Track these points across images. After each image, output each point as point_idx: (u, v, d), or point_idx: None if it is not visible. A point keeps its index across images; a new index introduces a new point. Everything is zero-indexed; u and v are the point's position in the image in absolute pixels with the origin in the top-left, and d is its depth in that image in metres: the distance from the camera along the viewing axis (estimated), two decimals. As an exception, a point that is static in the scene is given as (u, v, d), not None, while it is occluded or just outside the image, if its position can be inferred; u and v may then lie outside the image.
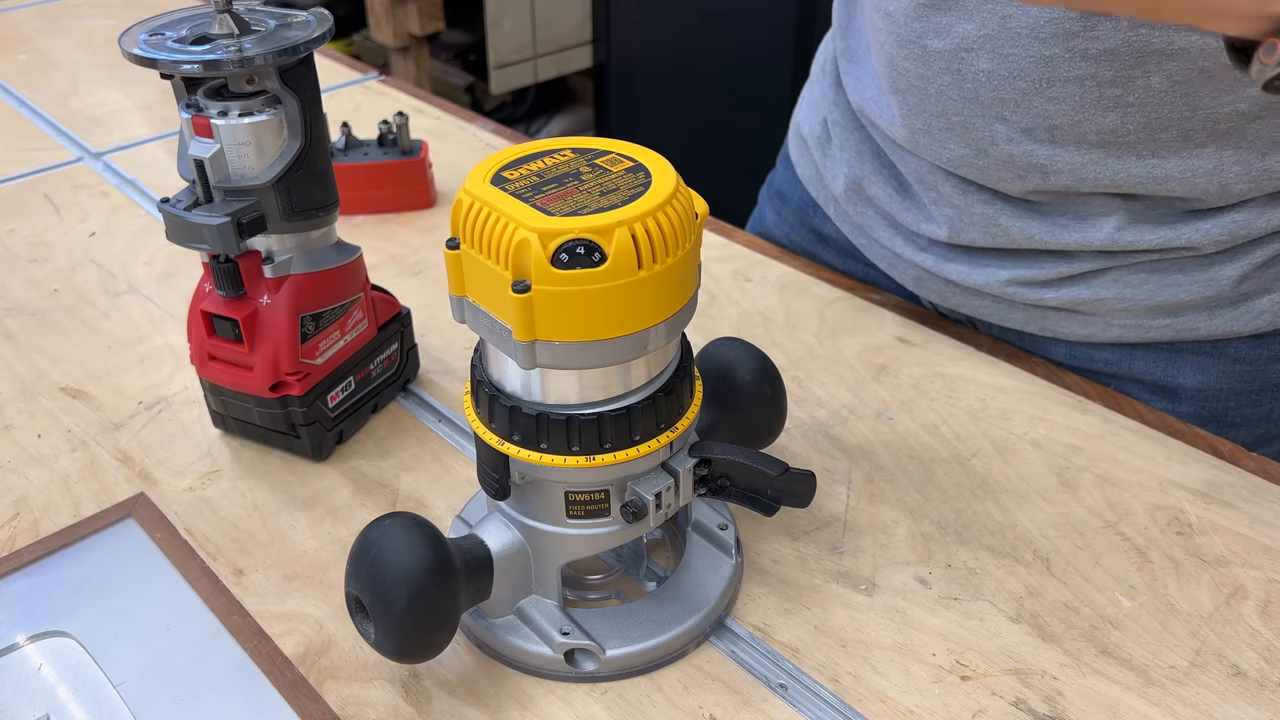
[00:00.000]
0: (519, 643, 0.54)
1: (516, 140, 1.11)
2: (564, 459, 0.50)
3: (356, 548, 0.50)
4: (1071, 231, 0.71)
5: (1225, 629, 0.56)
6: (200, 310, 0.65)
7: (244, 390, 0.66)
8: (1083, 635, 0.56)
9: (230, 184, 0.60)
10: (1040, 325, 0.77)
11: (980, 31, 0.66)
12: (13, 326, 0.83)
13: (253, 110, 0.60)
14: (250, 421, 0.69)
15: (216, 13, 0.59)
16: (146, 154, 1.09)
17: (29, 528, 0.64)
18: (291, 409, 0.66)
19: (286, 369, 0.65)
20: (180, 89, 0.62)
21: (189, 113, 0.60)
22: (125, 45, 0.58)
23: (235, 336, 0.64)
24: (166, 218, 0.60)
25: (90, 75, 1.27)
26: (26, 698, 0.54)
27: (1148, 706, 0.52)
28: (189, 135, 0.60)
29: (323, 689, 0.54)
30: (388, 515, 0.51)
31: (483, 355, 0.52)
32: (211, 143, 0.59)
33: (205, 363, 0.66)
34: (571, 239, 0.44)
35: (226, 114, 0.59)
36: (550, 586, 0.55)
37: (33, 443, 0.71)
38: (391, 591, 0.48)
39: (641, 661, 0.55)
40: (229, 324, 0.64)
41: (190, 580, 0.60)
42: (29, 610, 0.59)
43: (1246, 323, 0.71)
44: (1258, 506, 0.64)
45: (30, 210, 0.99)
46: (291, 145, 0.61)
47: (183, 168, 0.62)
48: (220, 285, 0.63)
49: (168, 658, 0.56)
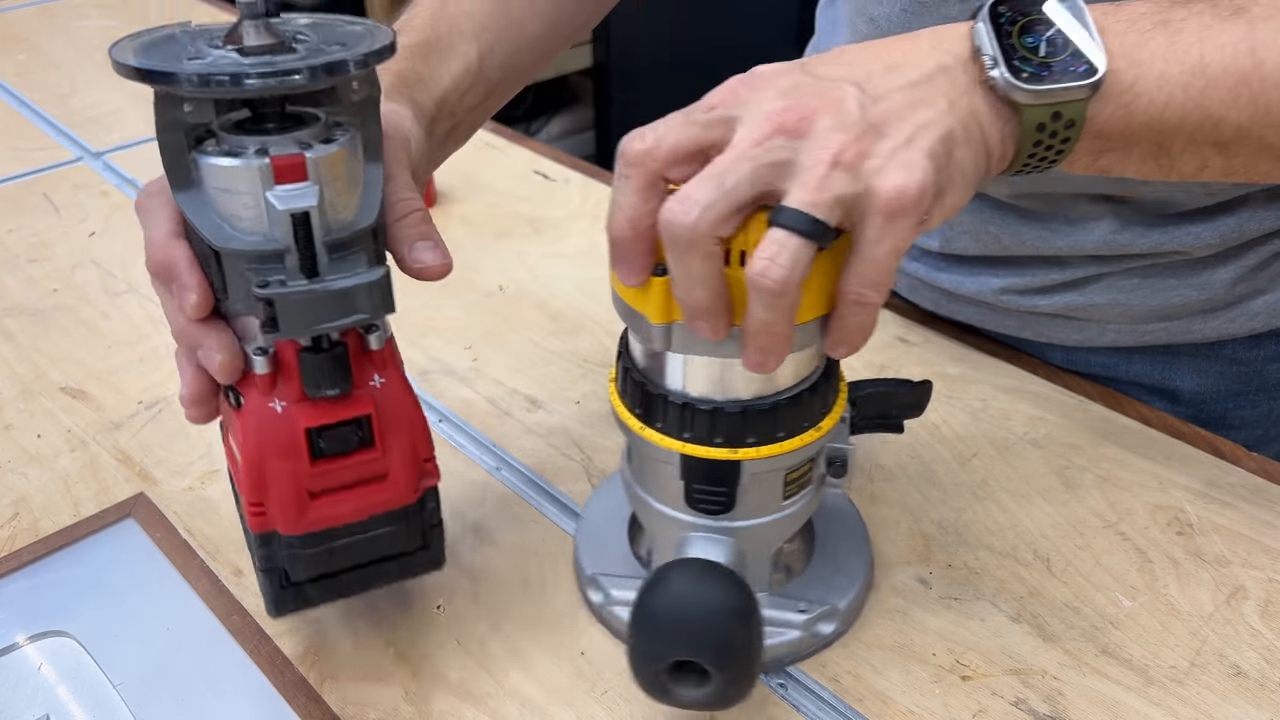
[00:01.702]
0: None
1: (517, 140, 1.11)
2: (799, 439, 0.49)
3: (667, 613, 0.46)
4: (1062, 236, 0.70)
5: (1226, 629, 0.56)
6: (303, 431, 0.46)
7: (378, 511, 0.50)
8: (1083, 635, 0.56)
9: (331, 236, 0.45)
10: (1035, 331, 0.76)
11: None
12: (12, 326, 0.83)
13: (333, 136, 0.46)
14: (360, 564, 0.51)
15: (249, 19, 0.44)
16: (146, 153, 1.09)
17: (29, 528, 0.64)
18: (429, 507, 0.52)
19: (424, 454, 0.51)
20: (189, 123, 0.45)
21: (253, 156, 0.44)
22: (163, 64, 0.43)
23: (360, 443, 0.48)
24: (283, 304, 0.43)
25: (90, 75, 1.27)
26: (26, 698, 0.54)
27: (1148, 706, 0.52)
28: (260, 186, 0.44)
29: (323, 689, 0.54)
30: (670, 571, 0.47)
31: (687, 376, 0.48)
32: (309, 186, 0.44)
33: (303, 510, 0.48)
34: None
35: (310, 145, 0.45)
36: (763, 579, 0.55)
37: (32, 443, 0.71)
38: (738, 639, 0.46)
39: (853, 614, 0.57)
40: (351, 429, 0.48)
41: (190, 580, 0.60)
42: (28, 610, 0.59)
43: (1242, 324, 0.71)
44: (1258, 506, 0.64)
45: (30, 210, 0.99)
46: (374, 174, 0.48)
47: (222, 233, 0.45)
48: (323, 383, 0.46)
49: (168, 658, 0.56)
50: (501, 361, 0.78)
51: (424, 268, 0.50)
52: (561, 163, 1.06)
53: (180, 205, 0.45)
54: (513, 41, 0.65)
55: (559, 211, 0.98)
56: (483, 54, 0.62)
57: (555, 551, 0.62)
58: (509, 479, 0.68)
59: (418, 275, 0.50)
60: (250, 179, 0.44)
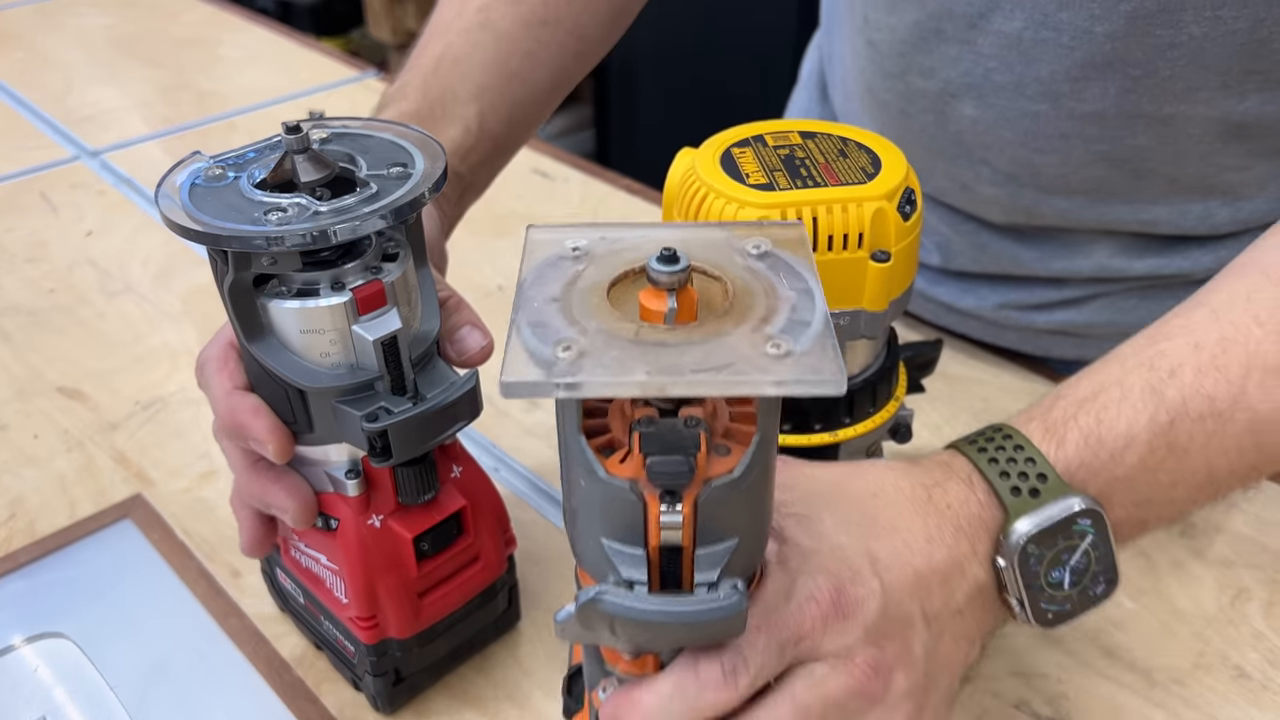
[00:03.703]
0: None
1: (515, 139, 1.10)
2: (886, 410, 0.51)
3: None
4: (1060, 259, 0.70)
5: (1229, 630, 0.56)
6: (410, 541, 0.48)
7: (476, 592, 0.52)
8: (1086, 636, 0.56)
9: (413, 353, 0.46)
10: (1034, 345, 0.76)
11: (965, 79, 0.64)
12: (9, 326, 0.83)
13: (390, 252, 0.46)
14: (463, 641, 0.53)
15: (294, 152, 0.43)
16: (143, 153, 1.08)
17: (25, 529, 0.64)
18: (513, 575, 0.55)
19: (505, 526, 0.53)
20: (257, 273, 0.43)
21: (332, 293, 0.43)
22: (239, 225, 0.41)
23: (456, 535, 0.50)
24: (395, 433, 0.43)
25: (87, 73, 1.27)
26: (23, 700, 0.54)
27: (1151, 708, 0.52)
28: (346, 321, 0.43)
29: (320, 691, 0.54)
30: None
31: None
32: (390, 309, 0.44)
33: (416, 612, 0.49)
34: (900, 191, 0.46)
35: (380, 269, 0.45)
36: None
37: (29, 443, 0.71)
38: None
39: None
40: (450, 526, 0.49)
41: (187, 581, 0.60)
42: (25, 612, 0.59)
43: None
44: (1261, 507, 0.63)
45: (27, 209, 0.99)
46: (426, 279, 0.48)
47: (308, 373, 0.44)
48: (420, 491, 0.47)
49: (165, 659, 0.56)
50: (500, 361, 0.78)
51: (470, 355, 0.49)
52: (561, 161, 1.06)
53: (257, 355, 0.44)
54: (514, 96, 0.63)
55: (559, 210, 0.97)
56: (483, 113, 0.61)
57: (554, 552, 0.61)
58: (508, 479, 0.67)
59: (464, 363, 0.49)
60: (335, 316, 0.43)
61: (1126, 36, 0.58)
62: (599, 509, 0.35)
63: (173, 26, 1.41)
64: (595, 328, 0.33)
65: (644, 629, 0.35)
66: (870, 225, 0.45)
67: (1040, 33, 0.60)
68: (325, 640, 0.54)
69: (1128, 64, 0.59)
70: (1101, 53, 0.59)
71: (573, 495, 0.36)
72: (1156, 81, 0.59)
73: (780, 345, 0.32)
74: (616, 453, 0.35)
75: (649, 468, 0.34)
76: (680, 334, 0.33)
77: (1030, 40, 0.60)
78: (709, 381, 0.31)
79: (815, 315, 0.34)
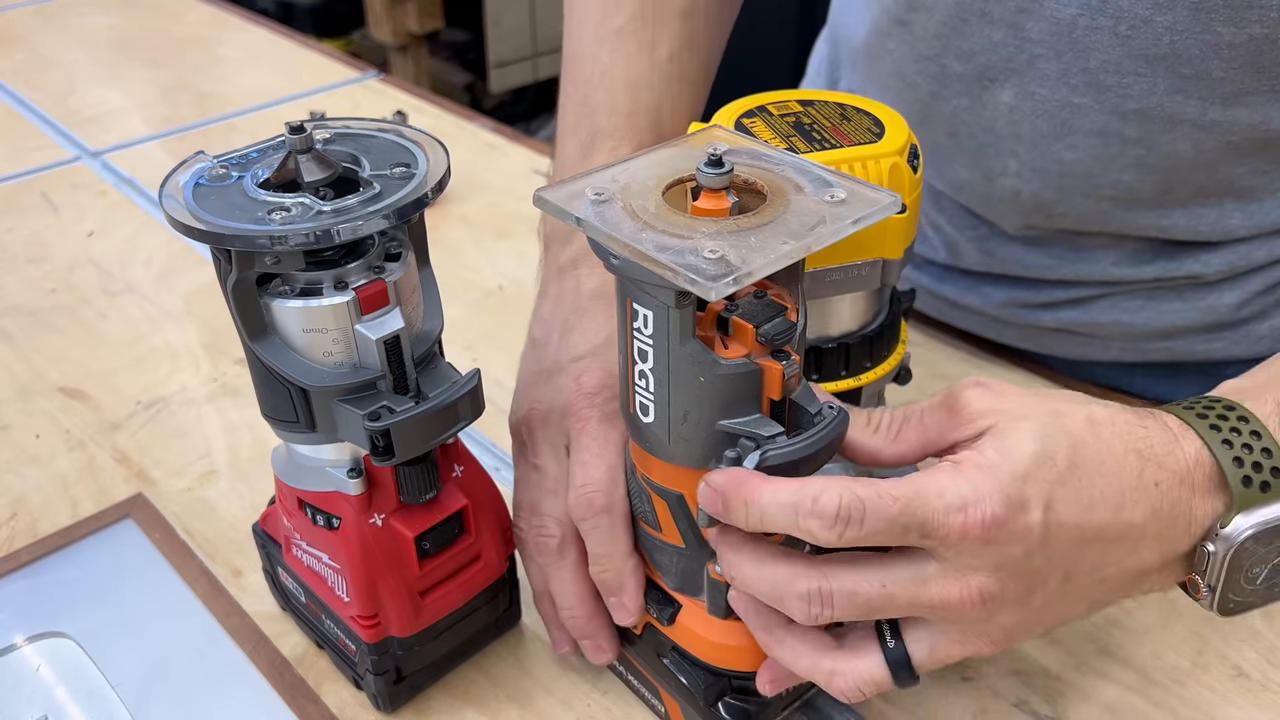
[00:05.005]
0: None
1: (517, 139, 1.10)
2: (896, 353, 0.53)
3: None
4: (1068, 264, 0.70)
5: (1227, 629, 0.56)
6: (411, 540, 0.48)
7: (477, 591, 0.52)
8: (1084, 635, 0.56)
9: (415, 352, 0.46)
10: (1038, 344, 0.76)
11: (1007, 65, 0.62)
12: (10, 326, 0.83)
13: (393, 251, 0.46)
14: (463, 640, 0.54)
15: (298, 152, 0.44)
16: (144, 153, 1.08)
17: (27, 528, 0.64)
18: (514, 575, 0.55)
19: (505, 524, 0.53)
20: (238, 269, 0.42)
21: (335, 292, 0.43)
22: (246, 224, 0.41)
23: (458, 534, 0.50)
24: (397, 432, 0.44)
25: (88, 74, 1.27)
26: (25, 699, 0.54)
27: (1150, 707, 0.52)
28: (349, 320, 0.44)
29: (321, 690, 0.54)
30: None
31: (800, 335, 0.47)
32: (393, 309, 0.45)
33: (418, 611, 0.50)
34: (907, 147, 0.48)
35: (383, 269, 0.45)
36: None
37: (30, 443, 0.71)
38: None
39: None
40: (451, 525, 0.50)
41: (189, 581, 0.60)
42: (27, 611, 0.59)
43: (1245, 347, 0.70)
44: (1259, 506, 0.63)
45: (28, 209, 0.99)
46: (428, 278, 0.48)
47: (311, 372, 0.44)
48: (422, 490, 0.47)
49: (166, 659, 0.56)
50: (501, 361, 0.78)
51: None
52: (561, 162, 1.05)
53: (260, 354, 0.44)
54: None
55: (558, 211, 0.97)
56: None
57: (555, 552, 0.61)
58: (509, 479, 0.67)
59: None
60: (339, 315, 0.44)
61: (1186, 30, 0.56)
62: (719, 396, 0.40)
63: (174, 27, 1.41)
64: (704, 233, 0.37)
65: (796, 468, 0.39)
66: (889, 179, 0.47)
67: (1096, 19, 0.58)
68: (326, 639, 0.54)
69: (1180, 60, 0.57)
70: (1158, 45, 0.57)
71: (683, 401, 0.40)
72: (1207, 83, 0.58)
73: (834, 195, 0.39)
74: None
75: (762, 333, 0.40)
76: (752, 219, 0.38)
77: (1085, 27, 0.59)
78: (823, 235, 0.37)
79: (827, 174, 0.41)
